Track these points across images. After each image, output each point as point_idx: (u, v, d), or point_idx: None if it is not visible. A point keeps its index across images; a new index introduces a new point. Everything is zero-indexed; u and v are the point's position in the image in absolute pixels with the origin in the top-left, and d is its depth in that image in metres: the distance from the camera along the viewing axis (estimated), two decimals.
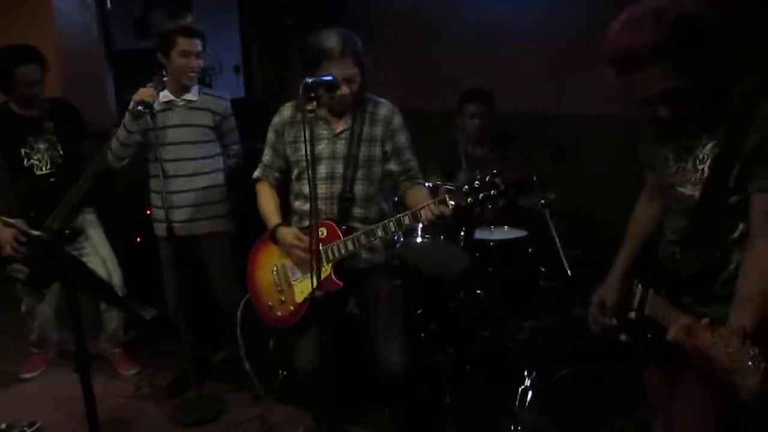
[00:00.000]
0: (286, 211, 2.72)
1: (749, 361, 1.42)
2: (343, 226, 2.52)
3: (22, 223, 3.00)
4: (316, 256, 2.14)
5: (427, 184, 2.89)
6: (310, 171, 2.10)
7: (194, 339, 3.32)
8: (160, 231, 3.28)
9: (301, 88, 2.07)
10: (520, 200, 3.43)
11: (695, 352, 1.56)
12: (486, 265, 3.46)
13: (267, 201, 2.69)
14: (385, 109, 2.58)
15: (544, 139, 4.03)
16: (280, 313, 2.66)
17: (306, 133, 2.12)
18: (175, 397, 3.49)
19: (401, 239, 3.19)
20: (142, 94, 3.04)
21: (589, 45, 1.75)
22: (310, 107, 2.06)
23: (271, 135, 2.67)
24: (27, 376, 3.76)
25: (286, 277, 2.64)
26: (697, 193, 1.78)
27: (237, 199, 3.47)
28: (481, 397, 3.21)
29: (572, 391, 3.16)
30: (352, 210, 2.56)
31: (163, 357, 3.81)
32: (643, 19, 1.59)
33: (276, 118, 2.65)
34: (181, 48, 3.12)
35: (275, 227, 2.60)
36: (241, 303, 3.07)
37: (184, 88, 3.24)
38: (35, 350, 3.80)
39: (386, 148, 2.58)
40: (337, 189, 2.55)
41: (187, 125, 3.25)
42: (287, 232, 2.57)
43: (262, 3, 5.15)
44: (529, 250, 3.53)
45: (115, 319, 3.71)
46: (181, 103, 3.25)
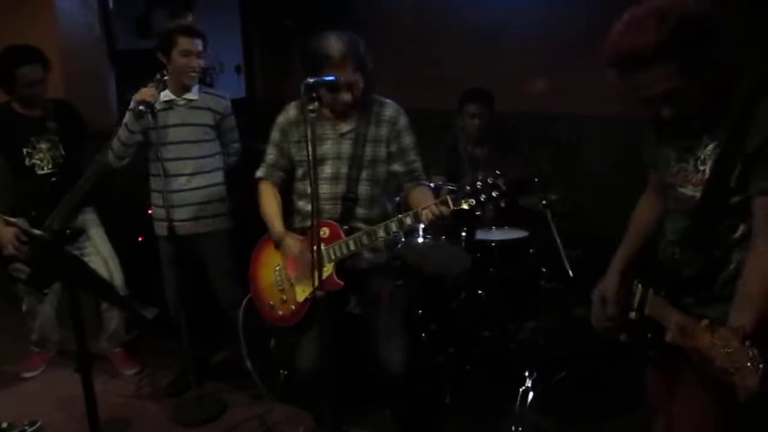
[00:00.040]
0: (288, 211, 2.72)
1: (748, 361, 1.43)
2: (346, 226, 2.52)
3: (23, 223, 3.01)
4: (317, 256, 2.14)
5: (430, 184, 2.88)
6: (313, 171, 2.10)
7: (195, 339, 3.32)
8: (161, 230, 3.28)
9: (303, 88, 2.07)
10: (521, 201, 3.43)
11: (695, 353, 1.57)
12: (487, 266, 3.45)
13: (270, 203, 2.68)
14: (390, 109, 2.57)
15: (544, 139, 4.04)
16: (281, 312, 2.66)
17: (308, 132, 2.11)
18: (175, 397, 3.49)
19: (402, 239, 3.20)
20: (144, 93, 3.04)
21: (589, 45, 1.75)
22: (311, 107, 2.07)
23: (276, 134, 2.65)
24: (28, 376, 3.77)
25: (287, 277, 2.65)
26: (698, 194, 1.78)
27: (237, 197, 3.47)
28: (482, 398, 3.22)
29: (573, 392, 3.16)
30: (355, 210, 2.55)
31: (164, 357, 3.81)
32: (647, 19, 1.59)
33: (281, 117, 2.63)
34: (181, 48, 3.12)
35: (281, 236, 2.60)
36: (243, 302, 3.08)
37: (185, 88, 3.25)
38: (36, 349, 3.81)
39: (391, 149, 2.57)
40: (341, 189, 2.54)
41: (188, 124, 3.26)
42: (293, 246, 2.57)
43: (263, 3, 5.16)
44: (531, 251, 3.52)
45: (116, 318, 3.72)
46: (182, 103, 3.25)
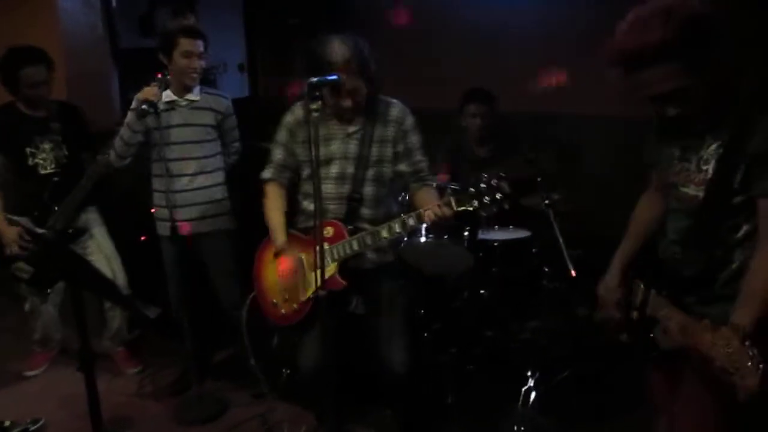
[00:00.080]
0: (293, 211, 2.71)
1: (749, 361, 1.43)
2: (350, 226, 2.51)
3: (27, 221, 3.02)
4: (320, 255, 2.14)
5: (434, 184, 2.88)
6: (317, 170, 2.11)
7: (196, 338, 3.32)
8: (164, 230, 3.28)
9: (306, 88, 2.08)
10: (524, 200, 3.43)
11: (695, 353, 1.57)
12: (489, 265, 3.45)
13: (275, 212, 2.66)
14: (396, 109, 2.56)
15: (544, 139, 4.03)
16: (284, 311, 2.66)
17: (311, 131, 2.11)
18: (177, 396, 3.49)
19: (404, 239, 3.20)
20: (147, 92, 3.04)
21: (589, 45, 1.75)
22: (314, 106, 2.07)
23: (283, 134, 2.62)
24: (30, 374, 3.77)
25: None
26: (701, 194, 1.78)
27: (237, 198, 3.48)
28: (484, 397, 3.21)
29: (575, 392, 3.16)
30: (360, 210, 2.55)
31: (166, 356, 3.81)
32: (652, 19, 1.60)
33: (288, 117, 2.61)
34: (183, 49, 3.12)
35: (281, 248, 2.62)
36: (248, 300, 3.08)
37: (186, 89, 3.25)
38: (38, 348, 3.82)
39: (398, 149, 2.56)
40: (346, 189, 2.54)
41: (191, 125, 3.26)
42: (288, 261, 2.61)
43: (266, 2, 5.16)
44: (533, 250, 3.53)
45: (118, 317, 3.72)
46: (184, 103, 3.25)
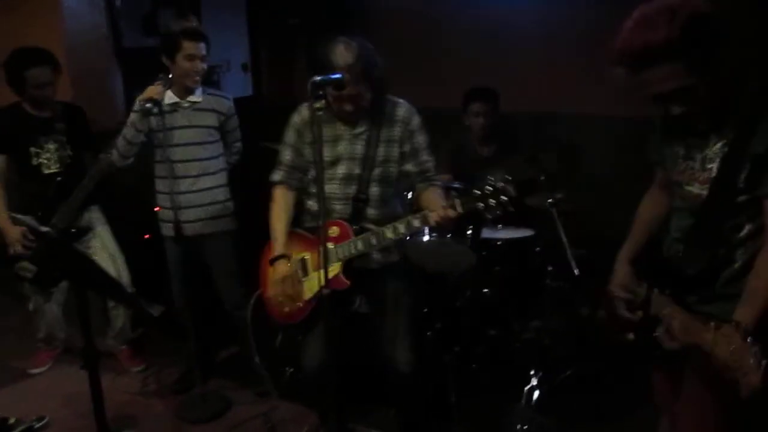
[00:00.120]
0: (300, 210, 2.69)
1: (751, 358, 1.44)
2: (356, 226, 2.51)
3: (31, 220, 3.03)
4: (324, 254, 2.15)
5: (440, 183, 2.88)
6: (319, 169, 2.12)
7: (200, 337, 3.33)
8: (168, 231, 3.29)
9: (309, 87, 2.08)
10: (527, 199, 3.42)
11: (697, 351, 1.57)
12: (493, 264, 3.46)
13: (279, 220, 2.63)
14: (403, 109, 2.55)
15: (545, 139, 4.03)
16: (287, 309, 2.66)
17: (314, 130, 2.12)
18: (180, 394, 3.51)
19: (408, 238, 3.19)
20: (150, 91, 3.05)
21: (589, 45, 1.75)
22: (318, 105, 2.07)
23: (291, 135, 2.60)
24: (35, 372, 3.78)
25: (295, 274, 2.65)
26: (705, 192, 1.78)
27: (240, 199, 3.48)
28: (487, 397, 3.22)
29: (578, 391, 3.16)
30: (366, 211, 2.54)
31: (169, 354, 3.83)
32: (657, 17, 1.60)
33: (295, 118, 2.59)
34: (186, 52, 3.12)
35: (277, 256, 2.59)
36: (252, 300, 3.09)
37: (188, 90, 3.24)
38: (43, 346, 3.83)
39: (404, 149, 2.55)
40: (353, 190, 2.53)
41: (193, 126, 3.26)
42: (283, 269, 2.57)
43: (269, 2, 5.16)
44: (536, 250, 3.53)
45: (122, 316, 3.73)
46: (187, 105, 3.25)
